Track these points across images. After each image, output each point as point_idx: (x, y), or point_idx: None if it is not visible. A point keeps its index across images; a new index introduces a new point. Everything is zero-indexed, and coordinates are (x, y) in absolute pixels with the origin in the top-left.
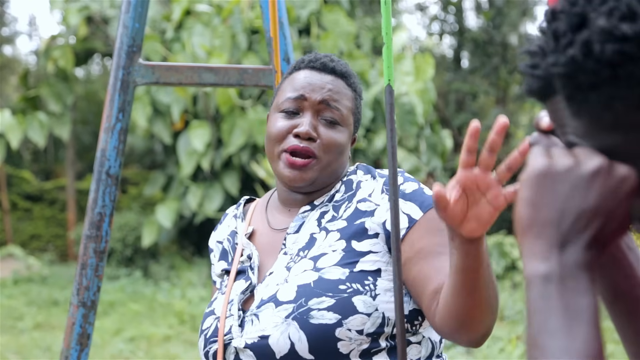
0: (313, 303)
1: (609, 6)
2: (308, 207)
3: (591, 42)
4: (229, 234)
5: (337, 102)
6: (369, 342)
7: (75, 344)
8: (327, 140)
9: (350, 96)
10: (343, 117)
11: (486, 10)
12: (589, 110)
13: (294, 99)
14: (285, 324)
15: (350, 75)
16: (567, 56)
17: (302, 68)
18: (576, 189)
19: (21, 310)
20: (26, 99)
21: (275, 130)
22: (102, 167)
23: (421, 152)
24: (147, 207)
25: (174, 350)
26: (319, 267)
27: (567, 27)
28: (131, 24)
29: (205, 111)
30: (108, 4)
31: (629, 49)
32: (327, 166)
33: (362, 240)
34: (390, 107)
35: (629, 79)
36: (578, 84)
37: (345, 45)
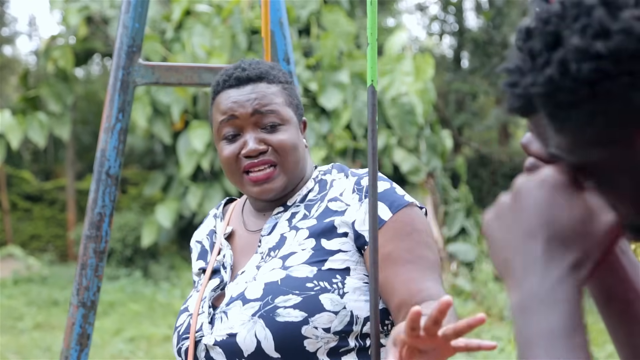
0: (279, 301)
1: (582, 23)
2: (281, 208)
3: (567, 61)
4: (207, 233)
5: (268, 105)
6: (336, 341)
7: (75, 344)
8: (277, 145)
9: (277, 91)
10: (281, 116)
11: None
12: (571, 126)
13: (226, 121)
14: (251, 322)
15: (267, 73)
16: (544, 76)
17: (221, 91)
18: (557, 244)
19: (21, 310)
20: (26, 99)
21: (225, 158)
22: (102, 167)
23: (421, 152)
24: (147, 207)
25: None
26: (288, 265)
27: (542, 46)
28: (131, 24)
29: (205, 111)
30: (108, 4)
31: (605, 66)
32: (291, 169)
33: (332, 238)
34: (373, 107)
35: (607, 96)
36: (558, 102)
37: (345, 45)
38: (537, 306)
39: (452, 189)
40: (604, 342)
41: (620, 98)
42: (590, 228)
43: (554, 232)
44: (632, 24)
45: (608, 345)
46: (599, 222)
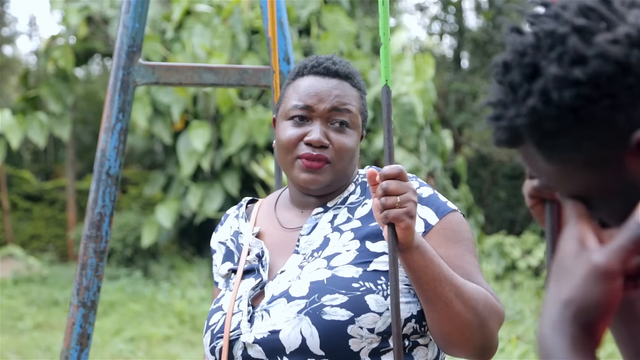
0: (326, 299)
1: (557, 52)
2: (321, 209)
3: (548, 90)
4: (232, 234)
5: (346, 105)
6: (379, 341)
7: (75, 344)
8: (339, 146)
9: (357, 96)
10: (352, 120)
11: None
12: (560, 153)
13: (302, 107)
14: (297, 319)
15: (354, 75)
16: (527, 107)
17: (305, 74)
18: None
19: (21, 310)
20: (26, 99)
21: (286, 139)
22: (102, 167)
23: (421, 152)
24: (147, 207)
25: (174, 350)
26: (333, 265)
27: (521, 78)
28: (131, 24)
29: (205, 111)
30: (108, 4)
31: (586, 91)
32: (340, 171)
33: (376, 241)
34: (388, 107)
35: (591, 119)
36: (544, 131)
37: (345, 45)
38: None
39: (452, 189)
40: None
41: (604, 121)
42: (576, 266)
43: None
44: (607, 47)
45: (608, 345)
46: (585, 264)
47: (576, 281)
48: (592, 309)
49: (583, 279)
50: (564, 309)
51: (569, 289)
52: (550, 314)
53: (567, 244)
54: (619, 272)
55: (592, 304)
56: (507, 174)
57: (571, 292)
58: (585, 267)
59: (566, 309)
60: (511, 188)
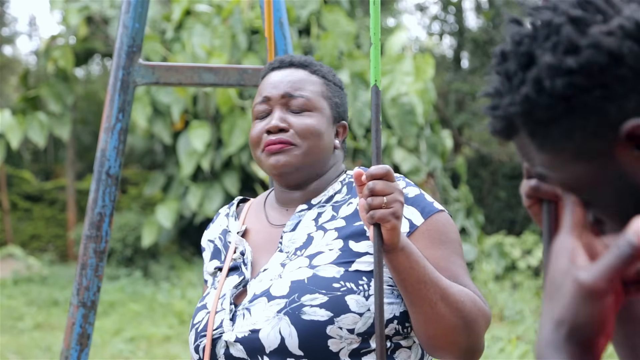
0: (306, 299)
1: (552, 41)
2: (305, 206)
3: (541, 78)
4: (220, 232)
5: (300, 89)
6: (359, 342)
7: (75, 344)
8: (299, 127)
9: (316, 81)
10: (311, 102)
11: (486, 10)
12: (552, 143)
13: (261, 102)
14: (276, 318)
15: (312, 64)
16: (521, 95)
17: (264, 75)
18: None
19: (21, 310)
20: (26, 99)
21: (252, 136)
22: (102, 167)
23: (421, 152)
24: (147, 207)
25: (174, 350)
26: (314, 264)
27: (517, 67)
28: (131, 24)
29: (205, 111)
30: (108, 4)
31: (578, 80)
32: (308, 152)
33: (360, 241)
34: (376, 107)
35: (583, 109)
36: (536, 119)
37: (345, 45)
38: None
39: (452, 189)
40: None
41: (596, 111)
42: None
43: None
44: (600, 38)
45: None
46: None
47: (566, 300)
48: (585, 327)
49: (572, 299)
50: (557, 328)
51: (560, 308)
52: (546, 332)
53: (558, 259)
54: (606, 290)
55: (583, 322)
56: (507, 174)
57: (562, 311)
58: (573, 286)
59: (560, 328)
60: (511, 188)
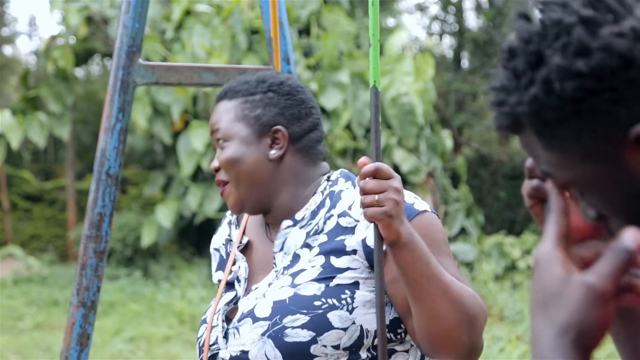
0: (287, 321)
1: (562, 42)
2: (290, 222)
3: (550, 80)
4: (223, 241)
5: (216, 123)
6: (347, 356)
7: (75, 344)
8: (221, 163)
9: (230, 107)
10: (224, 133)
11: (486, 10)
12: (560, 144)
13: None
14: (261, 341)
15: (230, 89)
16: (529, 95)
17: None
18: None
19: (21, 310)
20: (26, 99)
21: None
22: (102, 167)
23: (421, 152)
24: (147, 207)
25: (174, 350)
26: (296, 283)
27: (525, 66)
28: (131, 24)
29: (205, 111)
30: (108, 4)
31: (588, 83)
32: (236, 183)
33: (340, 256)
34: (376, 108)
35: (592, 112)
36: (544, 120)
37: (345, 45)
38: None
39: (452, 189)
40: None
41: (605, 114)
42: (566, 292)
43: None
44: (612, 40)
45: (608, 345)
46: (574, 286)
47: (572, 306)
48: (591, 331)
49: (580, 303)
50: (562, 335)
51: (565, 315)
52: (548, 340)
53: (549, 269)
54: (613, 294)
55: (590, 327)
56: (507, 174)
57: (568, 317)
58: (580, 291)
59: (565, 334)
60: (511, 188)
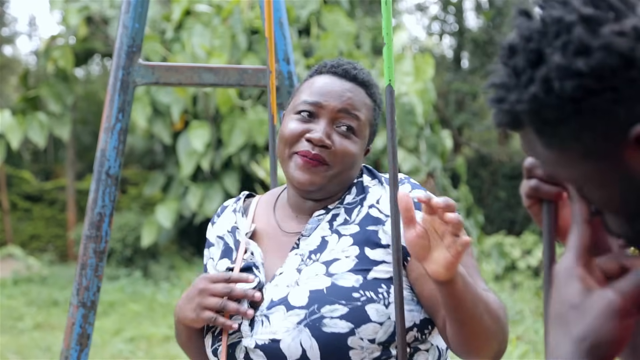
0: (326, 310)
1: (562, 40)
2: (322, 211)
3: (550, 79)
4: (229, 229)
5: (356, 110)
6: (380, 351)
7: (75, 344)
8: (340, 150)
9: (370, 106)
10: (360, 127)
11: (486, 10)
12: (559, 142)
13: (311, 103)
14: (297, 330)
15: (372, 85)
16: (529, 93)
17: (324, 73)
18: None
19: (21, 310)
20: (26, 99)
21: (288, 132)
22: (102, 167)
23: (421, 152)
24: (147, 207)
25: (174, 350)
26: (332, 272)
27: (525, 64)
28: (131, 24)
29: (205, 111)
30: (108, 4)
31: (588, 83)
32: (337, 175)
33: (375, 249)
34: (391, 107)
35: (592, 111)
36: (544, 119)
37: (345, 45)
38: None
39: (452, 189)
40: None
41: (605, 114)
42: (585, 307)
43: (557, 314)
44: (612, 39)
45: None
46: (594, 302)
47: (591, 318)
48: (606, 344)
49: (598, 316)
50: (578, 345)
51: (582, 326)
52: (564, 351)
53: (569, 284)
54: (631, 311)
55: (606, 339)
56: (507, 174)
57: (585, 328)
58: (601, 304)
59: (580, 344)
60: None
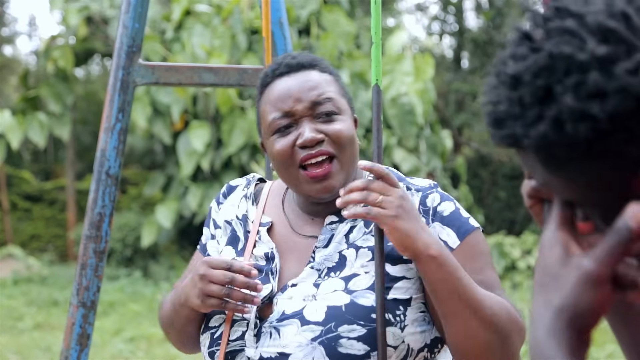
0: (343, 330)
1: (575, 80)
2: (335, 218)
3: (562, 120)
4: (240, 217)
5: (323, 93)
6: None
7: (75, 344)
8: (335, 133)
9: (330, 79)
10: (336, 104)
11: (486, 10)
12: (565, 173)
13: (281, 117)
14: (310, 346)
15: (318, 61)
16: (538, 131)
17: (270, 82)
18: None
19: (21, 310)
20: (26, 99)
21: (279, 152)
22: (102, 167)
23: (421, 152)
24: (147, 207)
25: (173, 350)
26: (351, 289)
27: (533, 99)
28: (131, 24)
29: (205, 111)
30: (108, 4)
31: (602, 126)
32: (348, 163)
33: (396, 264)
34: (378, 107)
35: (604, 151)
36: (552, 154)
37: (345, 45)
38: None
39: (452, 189)
40: (604, 342)
41: (617, 153)
42: (563, 272)
43: (539, 277)
44: (627, 81)
45: (608, 345)
46: (572, 268)
47: (568, 288)
48: (586, 314)
49: (575, 285)
50: (558, 315)
51: (561, 296)
52: (544, 320)
53: (551, 251)
54: (609, 277)
55: (585, 309)
56: (507, 174)
57: (564, 299)
58: (576, 274)
59: (560, 314)
60: (511, 188)
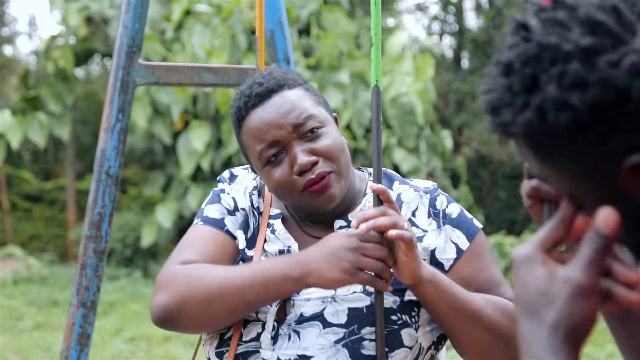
0: (366, 332)
1: (558, 70)
2: (343, 223)
3: (545, 109)
4: (254, 208)
5: (302, 112)
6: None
7: (75, 344)
8: (325, 149)
9: (301, 94)
10: (317, 117)
11: (486, 10)
12: (553, 163)
13: (268, 147)
14: (334, 349)
15: (285, 79)
16: (523, 118)
17: (245, 115)
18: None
19: (21, 310)
20: (26, 99)
21: (279, 183)
22: (102, 167)
23: (421, 152)
24: (147, 207)
25: (174, 350)
26: (370, 290)
27: (520, 87)
28: (131, 24)
29: (205, 111)
30: (108, 4)
31: (582, 116)
32: (345, 171)
33: None
34: (377, 108)
35: (586, 142)
36: (538, 142)
37: (345, 45)
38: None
39: (452, 189)
40: (603, 342)
41: (598, 144)
42: (551, 292)
43: (522, 305)
44: (609, 73)
45: (608, 345)
46: (559, 284)
47: (560, 302)
48: (580, 325)
49: (567, 299)
50: (554, 332)
51: (554, 312)
52: (540, 340)
53: (530, 269)
54: (597, 286)
55: (578, 321)
56: (507, 174)
57: (557, 313)
58: (566, 287)
59: (556, 331)
60: (511, 188)
